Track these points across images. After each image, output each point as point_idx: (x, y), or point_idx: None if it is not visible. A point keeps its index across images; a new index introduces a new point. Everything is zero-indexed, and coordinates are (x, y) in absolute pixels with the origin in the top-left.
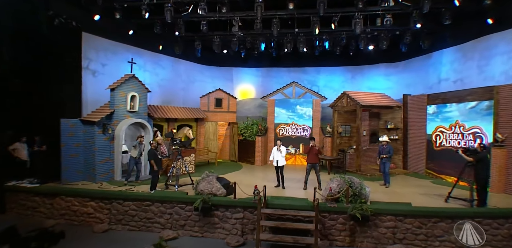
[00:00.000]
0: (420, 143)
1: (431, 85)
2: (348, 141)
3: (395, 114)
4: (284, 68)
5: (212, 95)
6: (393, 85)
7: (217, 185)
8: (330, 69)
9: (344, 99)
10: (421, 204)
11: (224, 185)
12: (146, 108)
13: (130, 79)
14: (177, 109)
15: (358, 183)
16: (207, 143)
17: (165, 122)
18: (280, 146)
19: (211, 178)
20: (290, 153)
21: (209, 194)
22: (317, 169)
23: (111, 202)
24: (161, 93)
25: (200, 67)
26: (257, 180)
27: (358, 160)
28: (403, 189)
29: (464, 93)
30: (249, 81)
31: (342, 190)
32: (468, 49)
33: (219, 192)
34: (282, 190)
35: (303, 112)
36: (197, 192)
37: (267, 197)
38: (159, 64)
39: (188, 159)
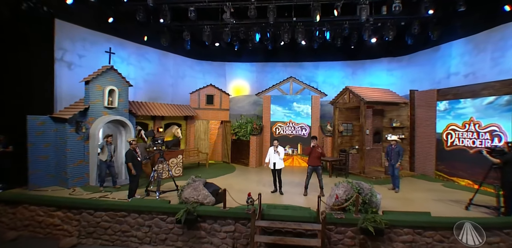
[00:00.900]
0: (429, 143)
1: (439, 80)
2: (349, 141)
3: (401, 111)
4: (280, 63)
5: (202, 91)
6: (397, 80)
7: (205, 192)
8: (330, 64)
9: (346, 95)
10: (439, 213)
11: (213, 191)
12: (127, 104)
13: (107, 71)
14: (164, 106)
15: (368, 189)
16: (198, 143)
17: (151, 120)
18: (277, 146)
19: (197, 184)
20: (287, 154)
21: (195, 203)
22: (319, 172)
23: (80, 212)
24: (147, 89)
25: (190, 61)
26: (252, 185)
27: (362, 161)
28: (414, 194)
29: (479, 87)
30: (243, 77)
31: (350, 198)
32: (481, 40)
33: (207, 201)
34: (279, 196)
35: (300, 109)
36: (181, 200)
37: (263, 206)
38: (144, 57)
39: (175, 161)
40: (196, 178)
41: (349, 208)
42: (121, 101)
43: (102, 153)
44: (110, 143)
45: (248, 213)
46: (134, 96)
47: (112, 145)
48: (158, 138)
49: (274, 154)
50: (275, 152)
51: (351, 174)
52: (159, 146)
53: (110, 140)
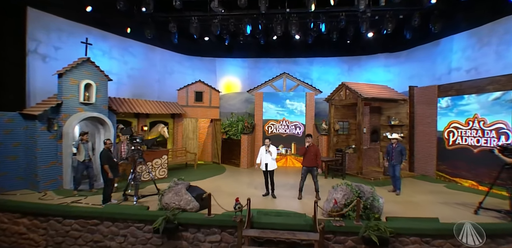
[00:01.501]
0: (429, 142)
1: (439, 76)
2: (346, 140)
3: (400, 109)
4: (273, 58)
5: (191, 88)
6: (394, 77)
7: (187, 196)
8: (325, 60)
9: (342, 91)
10: (447, 218)
11: (197, 196)
12: (106, 100)
13: (83, 63)
14: (149, 103)
15: (369, 193)
16: (186, 142)
17: (134, 118)
18: (269, 146)
19: (179, 188)
20: (280, 154)
21: (176, 209)
22: (315, 174)
23: (47, 220)
24: (131, 85)
25: (178, 56)
26: (242, 187)
27: (359, 161)
28: (417, 197)
29: (484, 82)
30: (234, 73)
31: (349, 203)
32: (484, 33)
33: (190, 206)
34: (272, 200)
35: (294, 107)
36: (161, 206)
37: (252, 212)
38: (128, 51)
39: (159, 161)
40: (178, 181)
41: (348, 214)
42: (99, 97)
43: (79, 153)
44: (86, 141)
45: (236, 220)
46: (116, 92)
47: (90, 143)
48: (137, 137)
49: (266, 154)
50: (267, 152)
51: (348, 175)
52: (137, 146)
53: (86, 138)
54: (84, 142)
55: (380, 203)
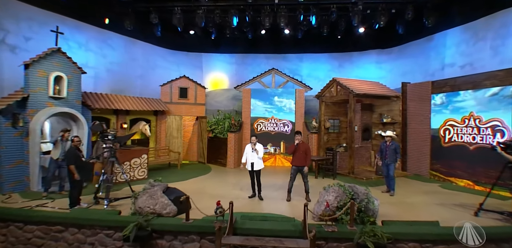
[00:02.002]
0: (423, 140)
1: (433, 72)
2: (337, 138)
3: (392, 106)
4: (262, 54)
5: (175, 84)
6: (386, 74)
7: (164, 199)
8: (315, 56)
9: (333, 87)
10: (446, 221)
11: (175, 199)
12: (79, 95)
13: (53, 54)
14: (129, 99)
15: (363, 194)
16: (170, 141)
17: (113, 115)
18: (255, 143)
19: (155, 190)
20: (269, 153)
21: (151, 214)
22: (305, 173)
23: (7, 225)
24: (110, 80)
25: (162, 51)
26: (227, 188)
27: (351, 160)
28: (412, 198)
29: (480, 77)
30: (222, 69)
31: (342, 205)
32: (479, 27)
33: (166, 211)
34: (258, 202)
35: (283, 104)
36: (134, 210)
37: (236, 216)
38: (107, 44)
39: (139, 161)
40: (155, 183)
41: (341, 218)
42: (71, 91)
43: (55, 149)
44: (66, 140)
45: (219, 226)
46: (94, 87)
47: (68, 142)
48: (109, 133)
49: (252, 153)
50: (253, 151)
51: (339, 174)
52: (109, 143)
53: (67, 135)
54: (64, 140)
55: (375, 205)
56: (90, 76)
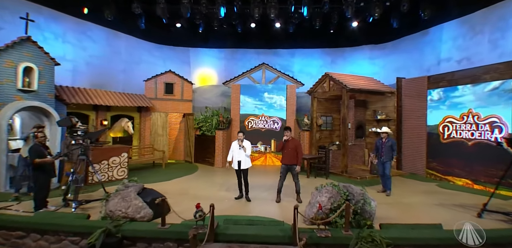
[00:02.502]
0: (419, 137)
1: (428, 67)
2: (329, 136)
3: (387, 102)
4: (252, 49)
5: (160, 79)
6: (380, 70)
7: (138, 202)
8: (307, 51)
9: (325, 82)
10: (448, 223)
11: (152, 201)
12: (52, 88)
13: (23, 43)
14: (110, 94)
15: (359, 195)
16: (155, 139)
17: (93, 111)
18: (242, 140)
19: (128, 191)
20: (259, 151)
21: (123, 219)
22: (295, 172)
23: None
24: (90, 74)
25: (147, 45)
26: (212, 189)
27: (344, 159)
28: (409, 198)
29: (480, 71)
30: (210, 65)
31: (337, 207)
32: (477, 20)
33: (141, 215)
34: (245, 204)
35: (273, 101)
36: (105, 214)
37: (218, 220)
38: (87, 35)
39: (118, 160)
40: (129, 183)
41: (335, 221)
42: (43, 83)
43: (25, 147)
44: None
45: (193, 234)
46: (72, 81)
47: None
48: (78, 129)
49: (239, 150)
50: (240, 148)
51: (332, 174)
52: (79, 140)
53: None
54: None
55: (372, 207)
56: (68, 69)
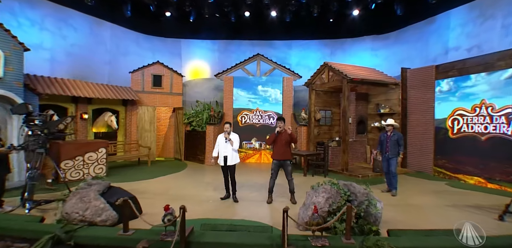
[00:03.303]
0: (425, 132)
1: (435, 57)
2: (328, 131)
3: (390, 95)
4: (246, 41)
5: (147, 70)
6: (382, 61)
7: (98, 203)
8: (305, 43)
9: (324, 73)
10: None
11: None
12: (21, 76)
13: None
14: (91, 86)
15: (363, 195)
16: (142, 135)
17: (72, 104)
18: (230, 132)
19: (87, 191)
20: (254, 148)
21: (80, 223)
22: (289, 169)
23: None
24: (71, 65)
25: (135, 35)
26: (198, 188)
27: (345, 156)
28: (418, 199)
29: (494, 57)
30: (202, 57)
31: (336, 210)
32: (487, 4)
33: (101, 218)
34: (231, 205)
35: (268, 94)
36: (60, 217)
37: (194, 225)
38: (68, 23)
39: (95, 156)
40: (93, 181)
41: (334, 226)
42: (10, 70)
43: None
44: None
45: (164, 240)
46: (50, 72)
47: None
48: (35, 117)
49: (226, 144)
50: (227, 141)
51: (331, 172)
52: (37, 130)
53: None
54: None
55: (378, 209)
56: (45, 58)
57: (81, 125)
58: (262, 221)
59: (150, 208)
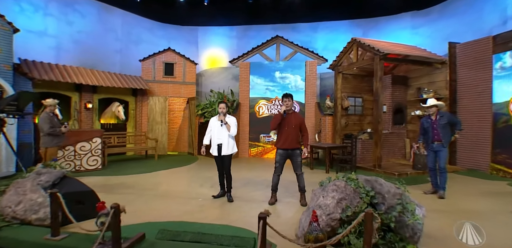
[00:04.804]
0: (481, 120)
1: (490, 29)
2: (359, 122)
3: (435, 76)
4: (267, 25)
5: (159, 58)
6: (424, 40)
7: (35, 196)
8: (332, 24)
9: (352, 51)
10: None
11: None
12: (10, 59)
13: None
14: (97, 73)
15: (394, 196)
16: (153, 127)
17: (76, 92)
18: (225, 114)
19: (24, 181)
20: (273, 142)
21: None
22: (298, 161)
23: None
24: (79, 53)
25: (148, 23)
26: (193, 184)
27: (377, 149)
28: (473, 204)
29: None
30: (220, 44)
31: (352, 217)
32: None
33: (38, 215)
34: (223, 205)
35: (287, 81)
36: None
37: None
38: (74, 9)
39: (88, 146)
40: (43, 169)
41: (348, 242)
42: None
43: None
44: None
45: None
46: (56, 60)
47: None
48: None
49: (220, 128)
50: (222, 125)
51: (360, 168)
52: None
53: None
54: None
55: (417, 217)
56: (50, 46)
57: (86, 115)
58: (251, 229)
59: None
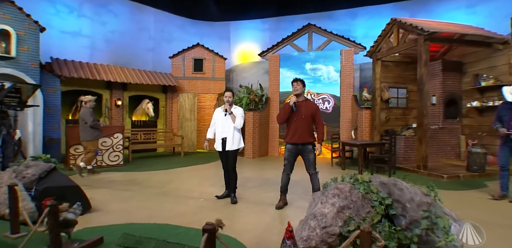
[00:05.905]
0: None
1: None
2: (403, 117)
3: (496, 60)
4: (300, 15)
5: (188, 54)
6: (483, 20)
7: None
8: (373, 9)
9: (393, 34)
10: None
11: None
12: (37, 57)
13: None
14: (127, 71)
15: (418, 205)
16: (182, 124)
17: (106, 90)
18: (232, 104)
19: (3, 173)
20: None
21: None
22: (311, 158)
23: None
24: (111, 52)
25: (179, 20)
26: (203, 183)
27: (422, 147)
28: None
29: None
30: (252, 38)
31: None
32: None
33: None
34: (224, 207)
35: (319, 73)
36: None
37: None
38: (107, 9)
39: (109, 142)
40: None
41: None
42: (24, 51)
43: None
44: None
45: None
46: (90, 59)
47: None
48: None
49: (225, 119)
50: (227, 115)
51: (401, 169)
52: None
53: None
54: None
55: (451, 238)
56: (85, 46)
57: (116, 112)
58: (238, 239)
59: (120, 202)
